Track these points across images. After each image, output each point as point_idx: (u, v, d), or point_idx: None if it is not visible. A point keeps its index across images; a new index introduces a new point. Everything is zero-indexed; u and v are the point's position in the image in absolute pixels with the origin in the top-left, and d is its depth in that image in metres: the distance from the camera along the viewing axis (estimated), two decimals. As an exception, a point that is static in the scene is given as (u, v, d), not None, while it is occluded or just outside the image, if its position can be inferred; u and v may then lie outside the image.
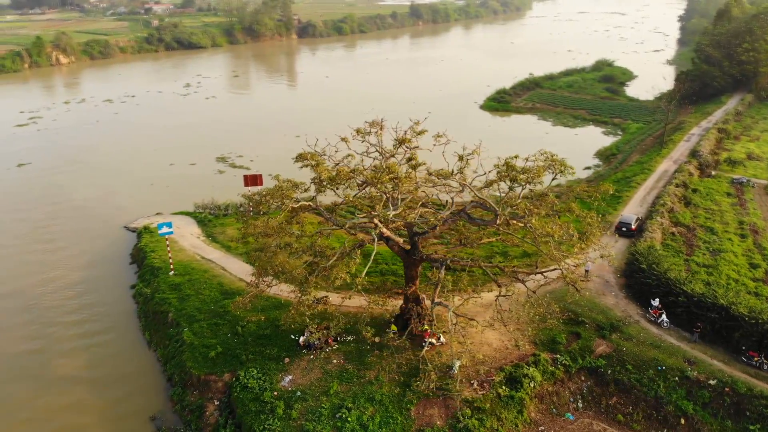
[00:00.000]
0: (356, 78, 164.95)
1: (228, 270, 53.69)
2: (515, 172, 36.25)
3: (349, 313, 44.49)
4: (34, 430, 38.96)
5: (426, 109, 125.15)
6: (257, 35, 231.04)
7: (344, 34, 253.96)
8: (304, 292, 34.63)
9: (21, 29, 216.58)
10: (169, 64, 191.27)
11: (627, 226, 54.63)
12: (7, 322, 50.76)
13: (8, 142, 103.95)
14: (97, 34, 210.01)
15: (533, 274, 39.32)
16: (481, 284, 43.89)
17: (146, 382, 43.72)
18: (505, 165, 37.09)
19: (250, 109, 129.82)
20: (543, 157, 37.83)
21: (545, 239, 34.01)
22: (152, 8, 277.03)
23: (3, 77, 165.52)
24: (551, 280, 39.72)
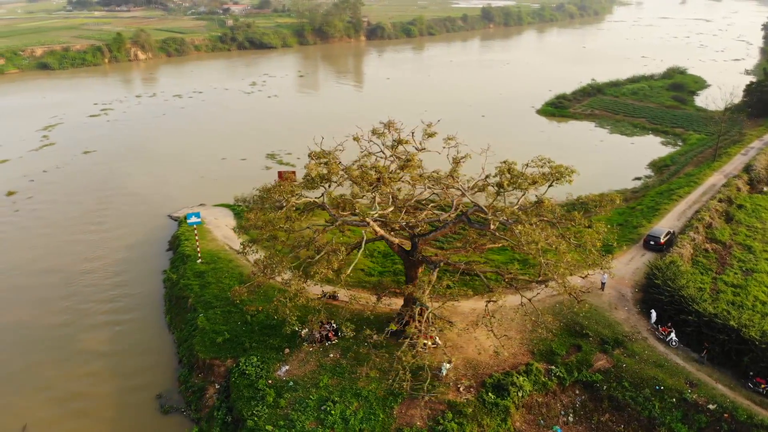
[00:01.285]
0: (416, 80, 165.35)
1: (250, 260, 55.58)
2: (504, 177, 35.67)
3: (354, 309, 45.34)
4: (49, 396, 42.00)
5: (481, 112, 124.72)
6: (326, 36, 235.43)
7: (412, 36, 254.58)
8: (288, 284, 35.57)
9: (105, 25, 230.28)
10: (239, 62, 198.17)
11: (655, 239, 52.46)
12: (47, 295, 54.74)
13: (79, 131, 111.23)
14: (175, 32, 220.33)
15: (533, 282, 38.67)
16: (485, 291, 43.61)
17: (159, 362, 46.10)
18: (506, 169, 36.42)
19: (308, 108, 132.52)
20: (541, 162, 36.92)
21: (531, 247, 33.34)
22: (230, 8, 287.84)
23: (84, 70, 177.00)
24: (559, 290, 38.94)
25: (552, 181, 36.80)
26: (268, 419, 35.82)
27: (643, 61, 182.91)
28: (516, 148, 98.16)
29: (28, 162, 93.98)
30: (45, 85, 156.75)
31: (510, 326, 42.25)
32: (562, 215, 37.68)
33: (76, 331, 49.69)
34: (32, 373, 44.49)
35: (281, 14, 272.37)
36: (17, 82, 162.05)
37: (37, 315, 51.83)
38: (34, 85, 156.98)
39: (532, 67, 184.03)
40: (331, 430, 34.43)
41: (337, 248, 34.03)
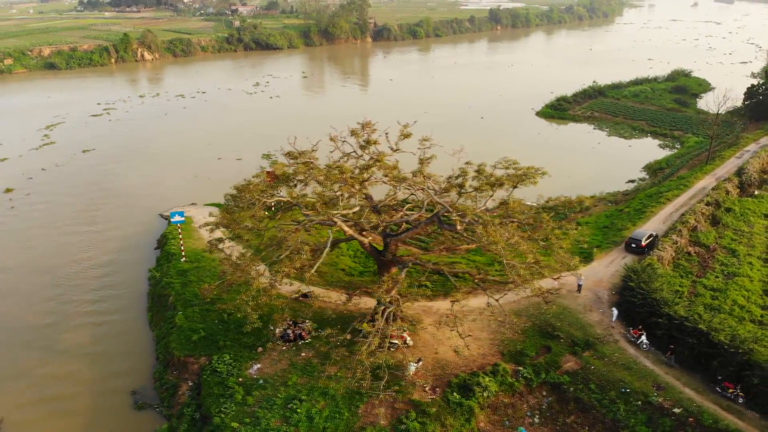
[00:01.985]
0: (419, 82, 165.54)
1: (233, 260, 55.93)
2: (464, 178, 35.69)
3: (330, 309, 45.60)
4: (27, 391, 42.48)
5: (480, 114, 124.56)
6: (332, 38, 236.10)
7: (419, 37, 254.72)
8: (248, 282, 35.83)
9: (114, 26, 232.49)
10: (245, 63, 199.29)
11: (637, 242, 52.17)
12: (34, 295, 55.34)
13: (81, 130, 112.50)
14: (182, 33, 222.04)
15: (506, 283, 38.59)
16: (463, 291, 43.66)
17: (138, 359, 46.47)
18: (465, 170, 36.49)
19: (309, 109, 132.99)
20: (506, 164, 36.89)
21: (492, 247, 33.31)
22: (238, 9, 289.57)
23: (91, 70, 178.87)
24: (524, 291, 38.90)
25: (517, 182, 36.63)
26: (235, 416, 36.05)
27: (648, 64, 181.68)
28: (510, 150, 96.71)
29: (28, 160, 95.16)
30: (50, 85, 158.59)
31: (483, 327, 42.25)
32: (532, 216, 37.57)
33: (60, 330, 50.15)
34: (13, 368, 45.06)
35: (289, 15, 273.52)
36: (24, 81, 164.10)
37: (22, 312, 52.42)
38: (39, 85, 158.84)
39: (536, 69, 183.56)
40: (296, 429, 34.59)
41: (300, 248, 34.22)
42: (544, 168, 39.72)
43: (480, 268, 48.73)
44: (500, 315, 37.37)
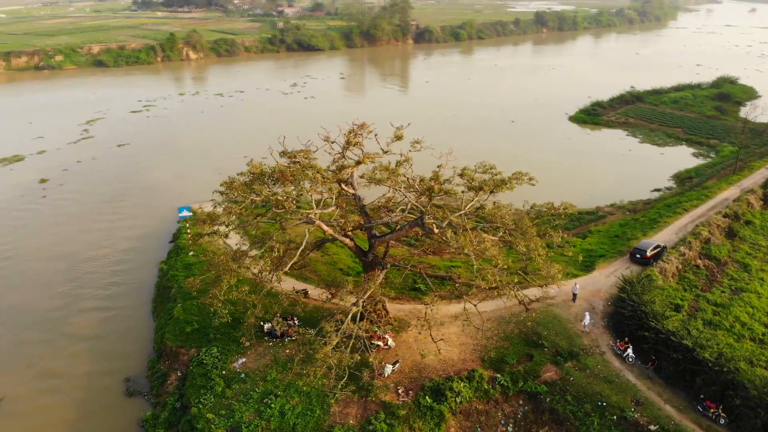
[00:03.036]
0: (455, 84, 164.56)
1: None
2: (435, 182, 35.39)
3: (319, 307, 46.01)
4: (30, 372, 44.63)
5: (511, 117, 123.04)
6: (374, 39, 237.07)
7: (461, 40, 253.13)
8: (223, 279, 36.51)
9: (163, 25, 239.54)
10: (286, 64, 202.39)
11: (641, 253, 50.64)
12: (49, 280, 57.90)
13: (119, 125, 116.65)
14: (227, 33, 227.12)
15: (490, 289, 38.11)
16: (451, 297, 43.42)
17: (136, 347, 48.04)
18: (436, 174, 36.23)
19: (339, 109, 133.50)
20: (483, 168, 36.44)
21: (463, 252, 32.93)
22: (284, 11, 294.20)
23: (137, 68, 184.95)
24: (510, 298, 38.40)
25: (494, 187, 36.06)
26: (212, 408, 36.88)
27: (696, 70, 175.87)
28: (535, 154, 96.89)
29: (66, 153, 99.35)
30: (97, 82, 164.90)
31: (470, 332, 41.80)
32: (513, 222, 37.00)
33: (68, 315, 52.42)
34: (19, 350, 47.36)
35: (333, 17, 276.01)
36: (72, 78, 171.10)
37: (36, 297, 54.98)
38: (86, 82, 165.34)
39: (578, 72, 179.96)
40: (267, 423, 35.14)
41: (272, 245, 34.72)
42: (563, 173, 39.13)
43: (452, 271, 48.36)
44: (478, 320, 36.87)
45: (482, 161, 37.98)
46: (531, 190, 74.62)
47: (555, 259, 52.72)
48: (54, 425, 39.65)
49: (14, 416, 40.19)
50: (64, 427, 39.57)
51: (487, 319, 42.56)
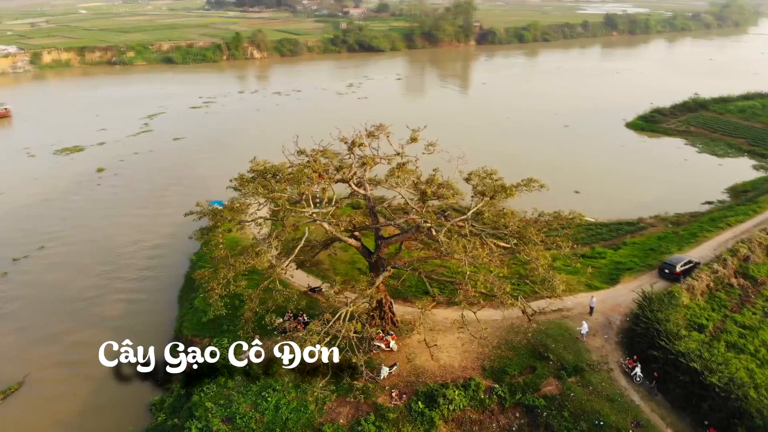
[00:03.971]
0: (512, 86, 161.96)
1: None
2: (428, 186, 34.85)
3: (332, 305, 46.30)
4: (55, 351, 47.19)
5: (566, 122, 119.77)
6: (435, 40, 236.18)
7: (525, 42, 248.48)
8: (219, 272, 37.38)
9: (233, 25, 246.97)
10: (346, 64, 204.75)
11: (670, 268, 48.24)
12: (88, 264, 61.03)
13: (177, 120, 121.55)
14: (292, 33, 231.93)
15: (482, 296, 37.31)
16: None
17: (157, 334, 49.62)
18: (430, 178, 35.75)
19: (389, 110, 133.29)
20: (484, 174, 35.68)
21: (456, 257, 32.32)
22: (350, 11, 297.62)
23: (204, 66, 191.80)
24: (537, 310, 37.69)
25: (492, 194, 35.20)
26: (212, 397, 37.97)
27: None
28: (582, 161, 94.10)
29: (125, 145, 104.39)
30: (163, 78, 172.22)
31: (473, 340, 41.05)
32: (519, 229, 36.00)
33: (100, 298, 55.10)
34: (50, 328, 50.21)
35: (397, 18, 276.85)
36: (142, 73, 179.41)
37: (74, 279, 58.05)
38: (154, 77, 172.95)
39: (643, 77, 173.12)
40: (261, 416, 35.83)
41: (270, 242, 35.36)
42: (610, 181, 38.03)
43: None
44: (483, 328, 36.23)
45: (483, 166, 37.19)
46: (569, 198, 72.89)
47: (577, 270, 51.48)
48: (70, 403, 41.77)
49: (35, 392, 42.64)
50: (78, 405, 41.65)
51: (496, 328, 41.86)
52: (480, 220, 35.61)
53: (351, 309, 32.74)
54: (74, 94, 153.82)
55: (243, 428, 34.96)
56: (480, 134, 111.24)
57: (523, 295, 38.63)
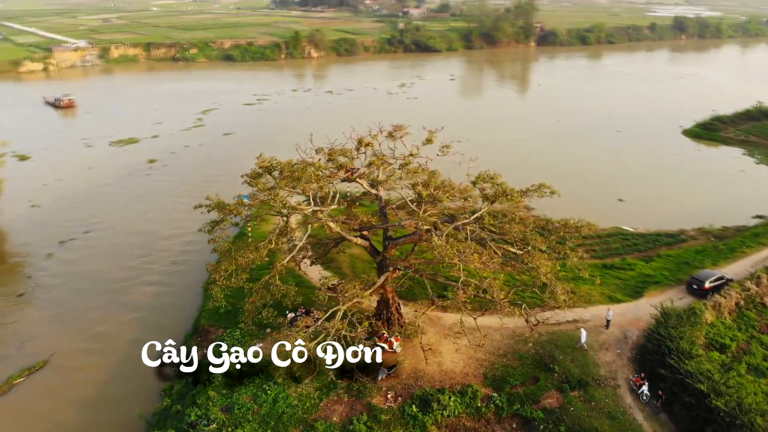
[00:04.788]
0: (569, 89, 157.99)
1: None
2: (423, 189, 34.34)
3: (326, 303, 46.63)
4: (80, 333, 49.42)
5: (619, 127, 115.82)
6: (494, 41, 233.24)
7: (588, 44, 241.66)
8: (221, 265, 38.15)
9: (293, 24, 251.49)
10: (401, 64, 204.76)
11: (699, 283, 45.92)
12: (124, 253, 63.57)
13: (229, 116, 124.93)
14: (350, 33, 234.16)
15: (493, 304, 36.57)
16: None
17: (180, 323, 51.28)
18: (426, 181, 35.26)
19: (436, 110, 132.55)
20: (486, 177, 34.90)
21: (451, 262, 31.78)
22: (409, 12, 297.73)
23: (262, 64, 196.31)
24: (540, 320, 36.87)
25: (494, 199, 34.41)
26: (215, 386, 38.83)
27: None
28: (630, 168, 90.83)
29: (177, 138, 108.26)
30: (222, 75, 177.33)
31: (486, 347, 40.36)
32: (522, 237, 35.13)
33: (131, 286, 57.30)
34: (80, 312, 52.65)
35: (457, 18, 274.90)
36: (202, 70, 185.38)
37: (109, 267, 60.58)
38: (213, 74, 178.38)
39: (709, 84, 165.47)
40: (258, 408, 36.45)
41: (270, 239, 36.03)
42: (656, 189, 36.97)
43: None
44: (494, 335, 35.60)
45: (486, 170, 36.45)
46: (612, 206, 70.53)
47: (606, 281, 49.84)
48: (88, 383, 43.63)
49: (58, 370, 44.83)
50: (96, 386, 43.46)
51: (505, 336, 41.08)
52: (483, 224, 34.89)
53: (344, 308, 32.82)
54: (136, 88, 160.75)
55: (239, 418, 35.64)
56: (526, 137, 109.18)
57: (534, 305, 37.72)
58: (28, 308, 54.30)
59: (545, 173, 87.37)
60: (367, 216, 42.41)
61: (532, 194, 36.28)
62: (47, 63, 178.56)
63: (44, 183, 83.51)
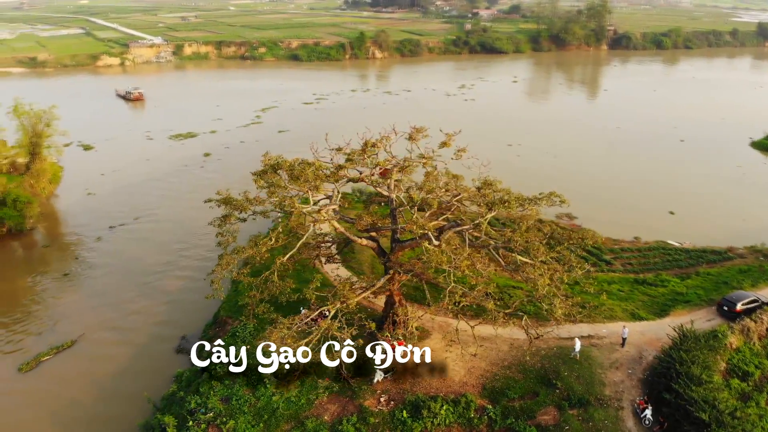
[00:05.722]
0: (636, 94, 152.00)
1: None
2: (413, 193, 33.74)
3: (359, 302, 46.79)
4: (111, 316, 51.95)
5: (683, 136, 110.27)
6: (563, 43, 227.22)
7: (664, 48, 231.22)
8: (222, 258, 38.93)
9: (362, 24, 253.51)
10: (464, 65, 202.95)
11: (730, 305, 43.03)
12: (166, 242, 66.28)
13: (287, 114, 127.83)
14: (415, 33, 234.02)
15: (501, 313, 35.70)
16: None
17: (204, 312, 53.02)
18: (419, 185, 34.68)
19: (493, 113, 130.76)
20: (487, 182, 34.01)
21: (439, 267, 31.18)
22: (479, 13, 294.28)
23: (326, 64, 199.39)
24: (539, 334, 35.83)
25: (491, 206, 33.44)
26: (221, 376, 39.77)
27: None
28: (689, 179, 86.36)
29: (234, 134, 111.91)
30: (286, 74, 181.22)
31: (484, 356, 39.48)
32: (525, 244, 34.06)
33: (166, 274, 59.73)
34: (115, 295, 55.47)
35: (527, 20, 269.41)
36: (268, 69, 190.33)
37: (149, 254, 63.36)
38: (278, 73, 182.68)
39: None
40: (256, 400, 37.14)
41: (275, 235, 36.59)
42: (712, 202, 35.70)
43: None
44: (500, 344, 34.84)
45: (485, 175, 35.58)
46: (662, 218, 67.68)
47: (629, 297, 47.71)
48: (110, 365, 45.74)
49: (84, 351, 47.29)
50: (116, 369, 45.44)
51: (512, 348, 40.05)
52: (481, 231, 34.10)
53: (334, 309, 32.94)
54: (204, 84, 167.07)
55: (235, 409, 36.44)
56: (580, 143, 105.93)
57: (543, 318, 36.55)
58: (70, 288, 57.79)
59: (594, 182, 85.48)
60: (378, 217, 42.30)
61: (541, 203, 35.14)
62: (124, 58, 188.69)
63: (102, 173, 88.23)
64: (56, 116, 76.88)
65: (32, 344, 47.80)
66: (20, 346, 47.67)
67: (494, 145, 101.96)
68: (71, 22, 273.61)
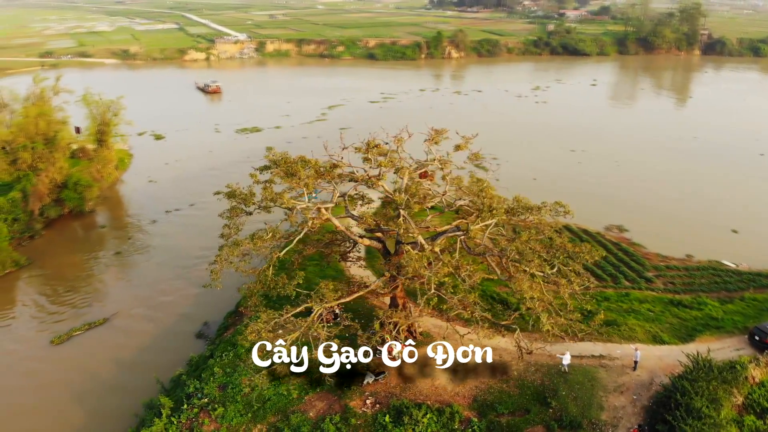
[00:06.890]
0: (721, 103, 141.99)
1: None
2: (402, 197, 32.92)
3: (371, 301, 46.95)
4: (142, 301, 54.67)
5: (764, 148, 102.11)
6: (651, 47, 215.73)
7: (762, 55, 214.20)
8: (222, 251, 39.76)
9: (443, 24, 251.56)
10: (543, 67, 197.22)
11: (762, 335, 39.44)
12: (207, 232, 67.35)
13: (352, 112, 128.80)
14: (495, 33, 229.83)
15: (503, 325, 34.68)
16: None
17: (230, 301, 54.81)
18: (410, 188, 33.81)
19: (562, 117, 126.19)
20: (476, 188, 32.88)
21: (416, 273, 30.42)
22: (565, 14, 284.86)
23: (402, 64, 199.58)
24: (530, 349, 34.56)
25: (481, 212, 32.24)
26: (226, 364, 41.05)
27: None
28: (761, 196, 79.81)
29: (298, 129, 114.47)
30: (360, 73, 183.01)
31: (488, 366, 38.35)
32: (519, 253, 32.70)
33: (202, 263, 61.32)
34: (151, 280, 58.31)
35: (616, 21, 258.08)
36: (345, 67, 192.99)
37: (191, 244, 65.61)
38: (353, 72, 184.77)
39: None
40: (250, 390, 37.99)
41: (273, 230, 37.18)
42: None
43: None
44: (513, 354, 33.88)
45: (477, 179, 34.47)
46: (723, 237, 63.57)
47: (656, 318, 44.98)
48: (133, 342, 48.31)
49: (113, 329, 50.14)
50: (140, 346, 47.97)
51: (512, 359, 38.63)
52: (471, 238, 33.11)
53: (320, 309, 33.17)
54: (280, 81, 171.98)
55: (229, 397, 37.42)
56: (649, 152, 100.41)
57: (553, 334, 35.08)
58: (115, 267, 61.41)
59: (653, 193, 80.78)
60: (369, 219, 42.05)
61: (543, 212, 33.69)
62: (209, 53, 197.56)
63: (166, 162, 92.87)
64: (123, 106, 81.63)
65: (69, 319, 51.24)
66: (58, 319, 51.22)
67: (556, 149, 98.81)
68: (167, 17, 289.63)
